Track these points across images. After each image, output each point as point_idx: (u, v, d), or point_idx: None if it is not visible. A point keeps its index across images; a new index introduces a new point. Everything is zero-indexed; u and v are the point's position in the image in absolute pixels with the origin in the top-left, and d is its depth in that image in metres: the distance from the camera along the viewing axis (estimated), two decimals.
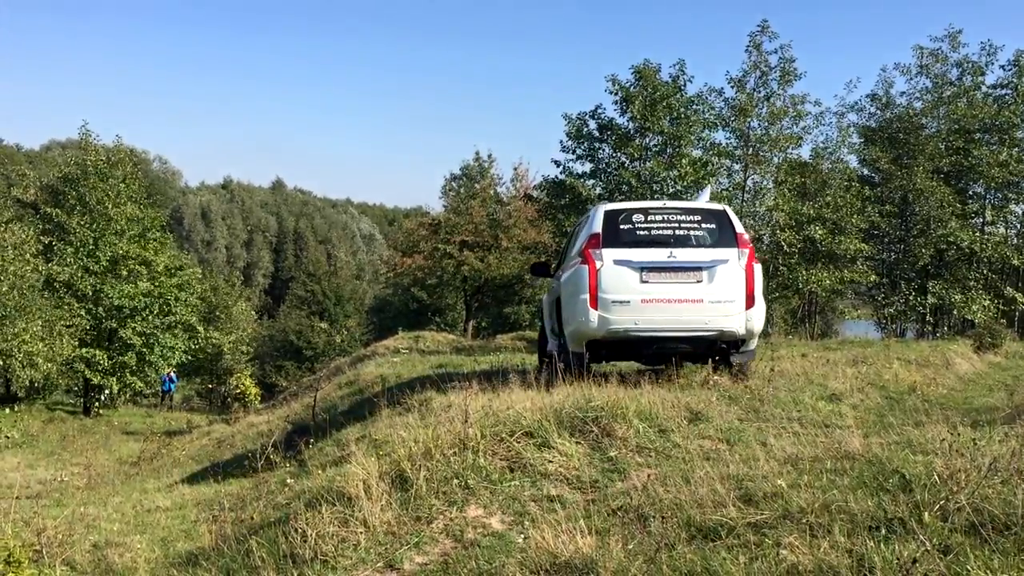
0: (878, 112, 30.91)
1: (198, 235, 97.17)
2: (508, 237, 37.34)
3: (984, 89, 29.65)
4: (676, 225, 9.48)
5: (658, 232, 9.39)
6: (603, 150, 24.85)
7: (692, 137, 23.90)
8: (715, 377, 8.82)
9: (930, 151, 28.26)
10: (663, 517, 4.69)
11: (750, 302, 9.10)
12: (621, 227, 9.43)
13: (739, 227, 9.47)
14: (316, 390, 19.73)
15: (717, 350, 9.27)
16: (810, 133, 26.49)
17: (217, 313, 45.71)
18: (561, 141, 25.11)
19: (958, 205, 27.89)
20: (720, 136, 25.93)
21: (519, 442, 6.08)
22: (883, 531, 4.03)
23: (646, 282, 9.09)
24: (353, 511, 5.44)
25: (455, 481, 5.65)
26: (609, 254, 9.21)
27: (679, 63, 24.12)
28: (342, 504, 5.58)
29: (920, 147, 28.34)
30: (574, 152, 25.04)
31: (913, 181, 27.63)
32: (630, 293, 9.08)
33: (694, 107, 24.25)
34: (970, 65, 29.00)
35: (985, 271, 28.89)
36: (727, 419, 6.94)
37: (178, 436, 23.51)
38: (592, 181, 24.60)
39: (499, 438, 6.14)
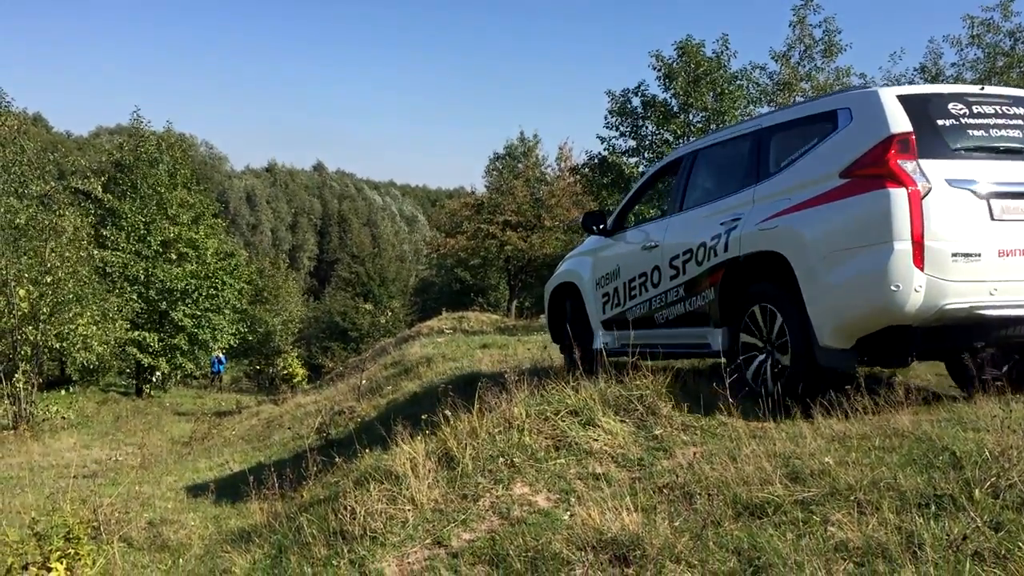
0: (927, 84, 30.15)
1: (243, 219, 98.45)
2: (551, 216, 37.26)
3: None
4: (1022, 122, 5.68)
5: (1000, 133, 5.58)
6: (646, 127, 24.65)
7: (736, 113, 23.61)
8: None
9: None
10: (709, 495, 4.68)
11: None
12: (938, 123, 5.48)
13: None
14: (362, 371, 19.96)
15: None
16: None
17: (265, 295, 46.39)
18: (605, 117, 24.97)
19: None
20: (764, 111, 25.55)
21: (564, 420, 6.09)
22: (933, 508, 3.99)
23: (1000, 220, 5.35)
24: (401, 489, 5.51)
25: (501, 459, 5.69)
26: (936, 169, 5.30)
27: (722, 38, 23.82)
28: (390, 482, 5.65)
29: None
30: (617, 128, 24.89)
31: None
32: (980, 240, 5.29)
33: (738, 82, 23.93)
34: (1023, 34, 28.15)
35: None
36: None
37: (228, 416, 23.95)
38: (635, 159, 24.43)
39: (544, 417, 6.15)
